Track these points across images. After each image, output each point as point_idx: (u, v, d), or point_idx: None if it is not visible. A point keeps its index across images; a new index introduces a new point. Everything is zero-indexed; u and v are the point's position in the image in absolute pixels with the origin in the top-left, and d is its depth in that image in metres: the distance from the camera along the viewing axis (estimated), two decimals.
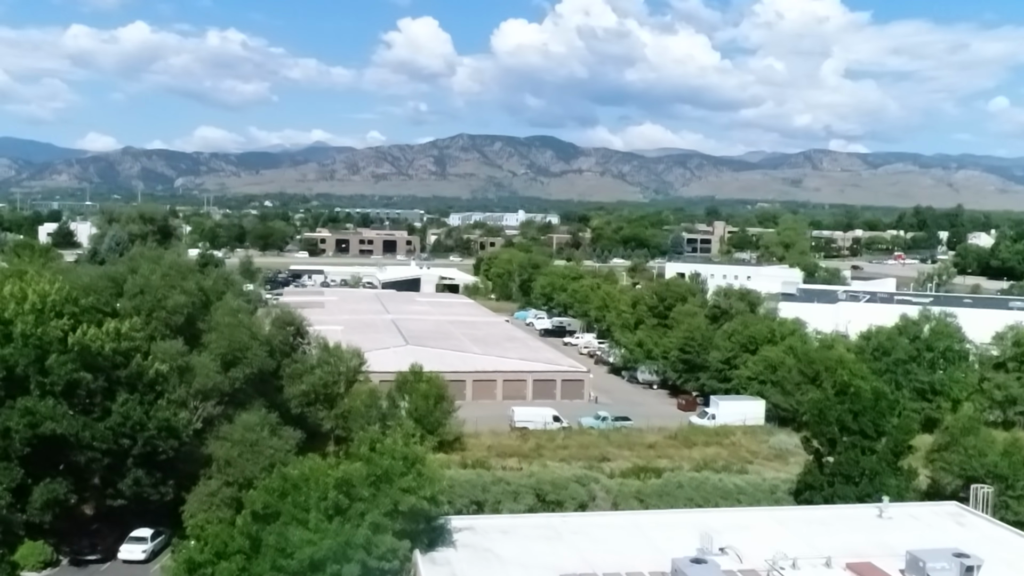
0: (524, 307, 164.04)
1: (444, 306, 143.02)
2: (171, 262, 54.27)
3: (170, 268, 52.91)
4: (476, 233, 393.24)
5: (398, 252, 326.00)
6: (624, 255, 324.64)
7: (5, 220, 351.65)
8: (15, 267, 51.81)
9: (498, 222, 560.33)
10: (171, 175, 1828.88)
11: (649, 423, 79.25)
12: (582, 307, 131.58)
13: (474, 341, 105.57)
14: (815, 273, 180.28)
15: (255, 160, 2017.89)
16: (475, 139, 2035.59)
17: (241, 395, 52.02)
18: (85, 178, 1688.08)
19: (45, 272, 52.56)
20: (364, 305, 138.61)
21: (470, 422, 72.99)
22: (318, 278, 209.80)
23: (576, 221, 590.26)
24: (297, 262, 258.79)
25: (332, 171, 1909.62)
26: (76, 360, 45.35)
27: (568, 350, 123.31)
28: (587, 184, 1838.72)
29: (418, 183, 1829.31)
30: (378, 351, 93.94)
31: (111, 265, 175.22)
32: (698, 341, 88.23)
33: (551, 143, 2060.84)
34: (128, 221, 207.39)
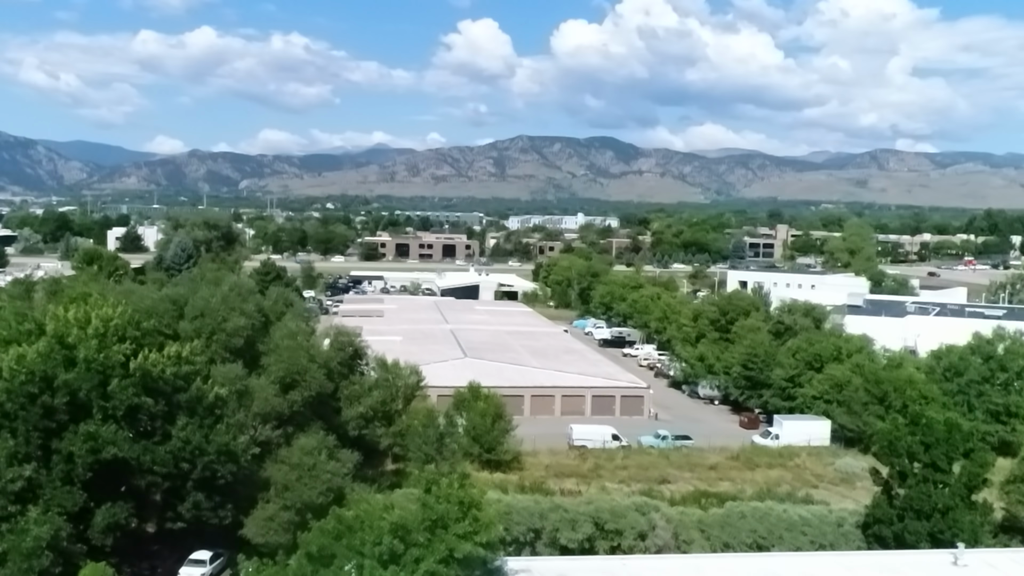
0: (583, 316, 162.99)
1: (502, 315, 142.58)
2: (232, 284, 54.44)
3: (230, 290, 53.14)
4: (535, 237, 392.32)
5: (457, 256, 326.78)
6: (685, 260, 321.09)
7: (76, 224, 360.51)
8: (80, 289, 52.34)
9: (557, 225, 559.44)
10: (236, 177, 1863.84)
11: (710, 442, 77.76)
12: (642, 318, 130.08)
13: (532, 353, 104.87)
14: (882, 282, 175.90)
15: (317, 162, 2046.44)
16: (534, 140, 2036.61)
17: (299, 417, 52.03)
18: (153, 180, 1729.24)
19: (108, 294, 53.18)
20: (423, 314, 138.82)
21: (528, 439, 72.33)
22: (378, 284, 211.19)
23: (636, 224, 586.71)
24: (357, 268, 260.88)
25: (392, 173, 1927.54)
26: (137, 385, 45.67)
27: (627, 362, 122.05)
28: (647, 185, 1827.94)
29: (477, 185, 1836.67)
30: (436, 364, 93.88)
31: (176, 277, 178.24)
32: (761, 358, 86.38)
33: (611, 144, 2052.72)
34: (193, 227, 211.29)
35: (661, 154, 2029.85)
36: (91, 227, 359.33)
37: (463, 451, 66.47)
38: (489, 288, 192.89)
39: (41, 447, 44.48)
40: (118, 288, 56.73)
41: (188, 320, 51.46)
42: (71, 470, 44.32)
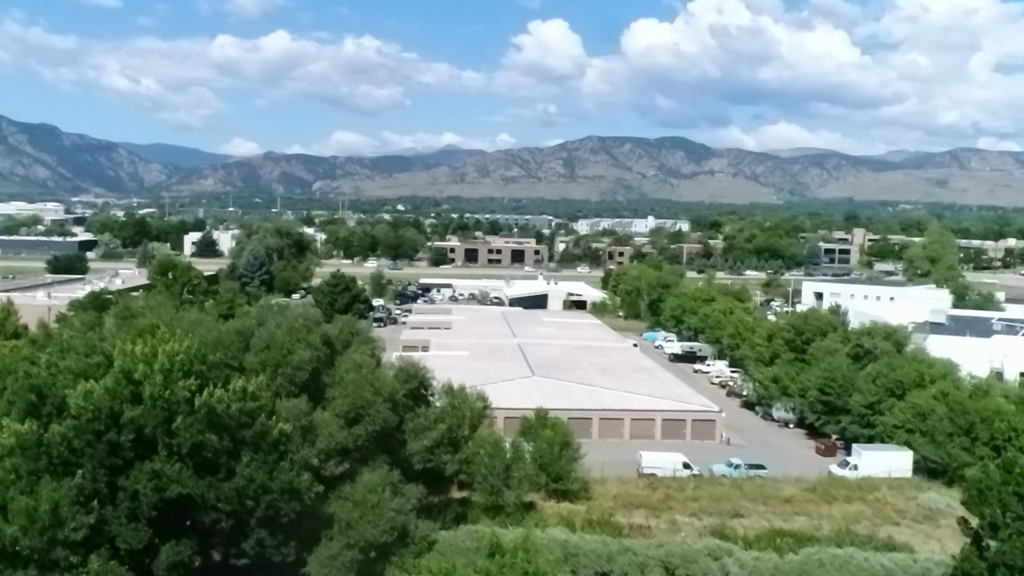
0: (653, 327, 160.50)
1: (571, 328, 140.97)
2: (297, 315, 54.00)
3: (296, 321, 52.71)
4: (604, 242, 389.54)
5: (526, 262, 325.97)
6: (758, 266, 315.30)
7: (154, 229, 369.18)
8: (149, 320, 52.46)
9: (627, 229, 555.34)
10: (309, 179, 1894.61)
11: (785, 471, 75.09)
12: (714, 333, 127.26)
13: (601, 371, 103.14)
14: (965, 296, 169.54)
15: (388, 164, 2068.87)
16: (604, 141, 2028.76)
17: (363, 451, 51.34)
18: (229, 182, 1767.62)
19: (176, 324, 53.18)
20: (491, 327, 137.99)
21: (596, 465, 70.70)
22: (446, 292, 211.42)
23: (707, 227, 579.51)
24: (426, 274, 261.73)
25: (462, 174, 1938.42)
26: (202, 421, 45.34)
27: (698, 379, 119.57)
28: (719, 186, 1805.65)
29: (547, 185, 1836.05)
30: (504, 383, 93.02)
31: (249, 284, 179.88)
32: (839, 382, 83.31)
33: (682, 144, 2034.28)
34: (266, 235, 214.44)
35: (733, 154, 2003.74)
36: (169, 231, 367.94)
37: (530, 480, 65.21)
38: (558, 298, 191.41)
39: (107, 484, 44.49)
40: (186, 318, 56.65)
41: (254, 353, 51.13)
42: (136, 507, 44.23)
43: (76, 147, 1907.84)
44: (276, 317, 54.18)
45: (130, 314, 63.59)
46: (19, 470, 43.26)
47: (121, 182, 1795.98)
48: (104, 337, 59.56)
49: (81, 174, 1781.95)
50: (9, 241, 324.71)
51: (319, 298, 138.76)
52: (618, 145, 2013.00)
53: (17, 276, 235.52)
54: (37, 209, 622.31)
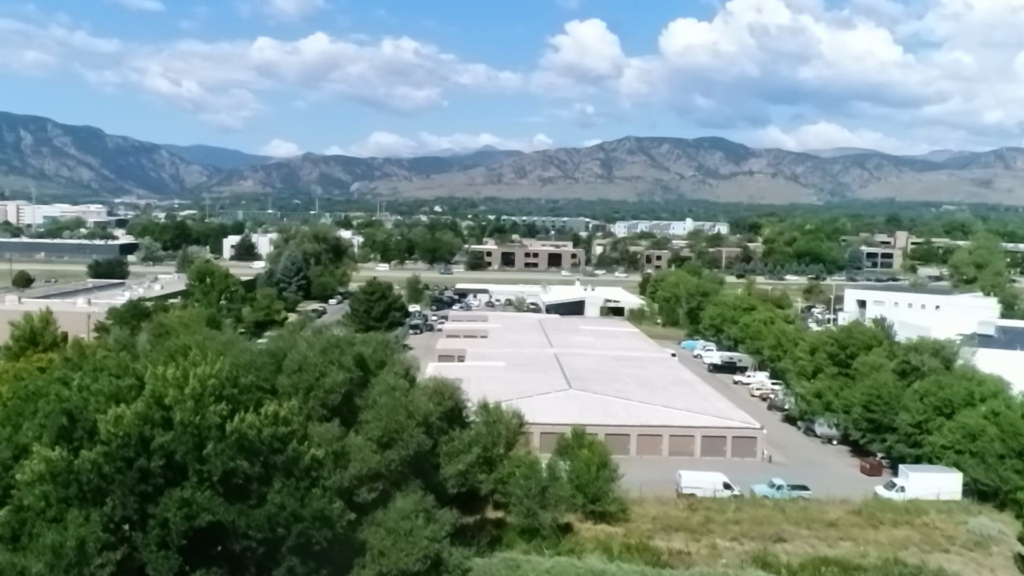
0: (692, 336, 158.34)
1: (608, 336, 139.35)
2: (330, 337, 53.15)
3: (329, 343, 51.86)
4: (642, 245, 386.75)
5: (563, 266, 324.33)
6: (798, 271, 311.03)
7: (194, 232, 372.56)
8: (181, 340, 51.92)
9: (665, 231, 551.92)
10: (347, 180, 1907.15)
11: (829, 492, 72.98)
12: (754, 344, 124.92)
13: (639, 384, 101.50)
14: (1014, 306, 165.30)
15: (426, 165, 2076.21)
16: (642, 141, 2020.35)
17: (396, 475, 50.36)
18: (268, 184, 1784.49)
19: (209, 345, 52.59)
20: (527, 335, 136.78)
21: (633, 483, 69.11)
22: (483, 298, 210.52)
23: (746, 229, 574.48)
24: (463, 279, 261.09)
25: (499, 175, 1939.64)
26: (233, 447, 44.61)
27: (738, 391, 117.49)
28: (758, 186, 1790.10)
29: (584, 186, 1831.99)
30: (540, 396, 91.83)
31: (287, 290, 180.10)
32: (884, 399, 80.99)
33: (720, 144, 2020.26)
34: (303, 240, 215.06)
35: (772, 154, 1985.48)
36: (208, 234, 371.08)
37: (566, 501, 63.88)
38: (595, 304, 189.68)
39: (137, 511, 43.90)
40: (219, 338, 56.04)
41: (286, 375, 50.35)
42: (166, 535, 43.57)
43: (119, 149, 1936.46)
44: (309, 338, 53.30)
45: (164, 331, 63.24)
46: (49, 498, 42.81)
47: (163, 183, 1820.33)
48: (137, 355, 59.26)
49: (124, 175, 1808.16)
50: (52, 244, 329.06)
51: (355, 306, 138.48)
52: (656, 145, 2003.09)
53: (60, 280, 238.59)
54: (80, 211, 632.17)
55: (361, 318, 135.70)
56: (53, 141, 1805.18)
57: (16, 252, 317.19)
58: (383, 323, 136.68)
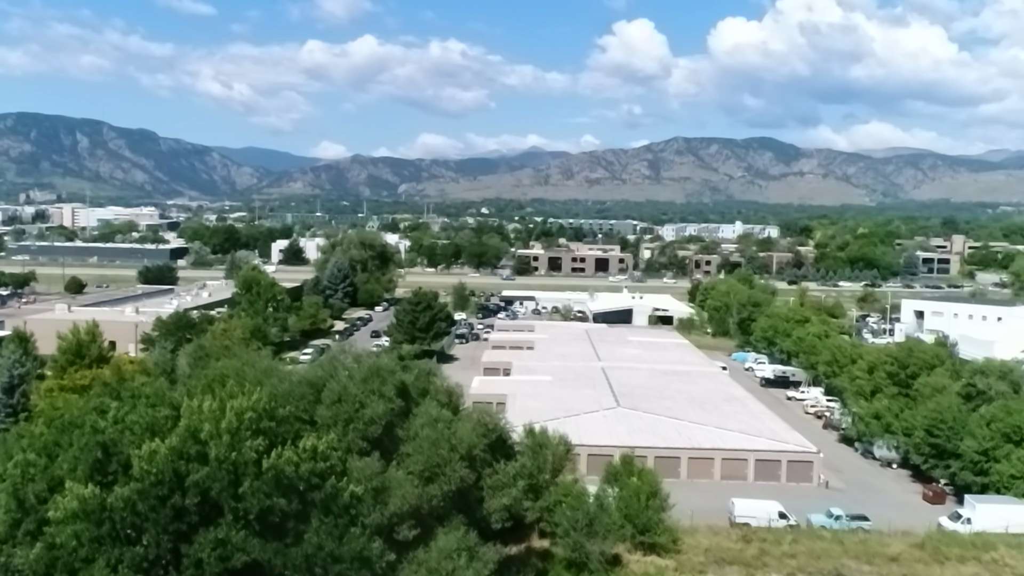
0: (743, 347, 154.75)
1: (657, 349, 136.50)
2: (371, 365, 51.41)
3: (370, 372, 50.14)
4: (691, 249, 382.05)
5: (610, 271, 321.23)
6: (851, 276, 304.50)
7: (243, 235, 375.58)
8: (219, 368, 50.58)
9: (714, 234, 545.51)
10: (395, 182, 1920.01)
11: (890, 522, 69.66)
12: (809, 358, 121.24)
13: (690, 401, 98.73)
14: None
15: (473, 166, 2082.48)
16: (690, 142, 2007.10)
17: (438, 511, 48.51)
18: (317, 185, 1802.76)
19: (247, 373, 51.19)
20: (574, 347, 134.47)
21: (684, 511, 66.50)
22: (529, 305, 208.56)
23: (797, 233, 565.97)
24: (509, 285, 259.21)
25: (547, 176, 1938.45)
26: (270, 484, 43.15)
27: (792, 407, 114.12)
28: (808, 187, 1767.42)
29: (631, 187, 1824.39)
30: (587, 415, 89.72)
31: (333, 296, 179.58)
32: (948, 424, 77.39)
33: (770, 144, 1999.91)
34: (350, 246, 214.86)
35: (823, 154, 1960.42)
36: (257, 238, 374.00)
37: (615, 532, 61.54)
38: (643, 313, 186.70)
39: (171, 551, 42.59)
40: (258, 365, 54.62)
41: (326, 405, 48.74)
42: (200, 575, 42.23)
43: (172, 151, 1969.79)
44: (349, 366, 51.64)
45: (204, 353, 62.17)
46: (81, 536, 41.67)
47: (214, 185, 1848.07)
48: (176, 379, 58.20)
49: (176, 178, 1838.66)
50: (105, 249, 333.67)
51: (401, 316, 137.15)
52: (704, 146, 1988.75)
53: (111, 284, 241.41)
54: (133, 214, 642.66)
55: (406, 329, 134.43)
56: (108, 144, 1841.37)
57: (70, 256, 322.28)
58: (428, 334, 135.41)
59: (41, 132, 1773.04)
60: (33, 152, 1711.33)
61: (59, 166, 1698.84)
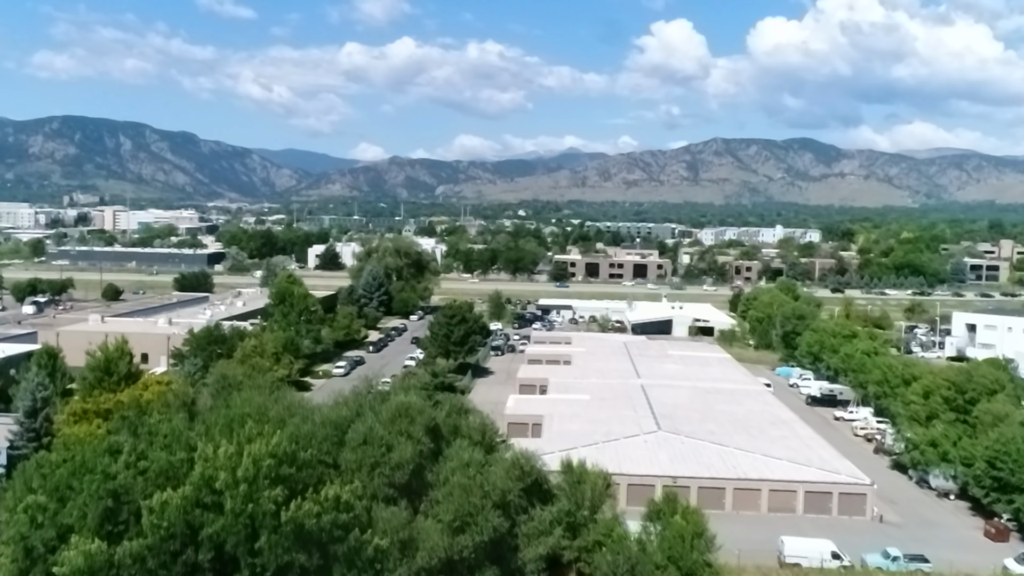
0: (786, 361, 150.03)
1: (698, 364, 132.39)
2: (399, 404, 48.38)
3: (397, 412, 47.15)
4: (730, 255, 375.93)
5: (648, 277, 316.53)
6: (896, 283, 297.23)
7: (280, 240, 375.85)
8: (239, 407, 47.76)
9: (753, 238, 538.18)
10: (432, 183, 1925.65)
11: (951, 562, 65.32)
12: (858, 377, 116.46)
13: (734, 424, 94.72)
14: None
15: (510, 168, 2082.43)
16: (729, 143, 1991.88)
17: (469, 562, 45.39)
18: (356, 187, 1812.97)
19: (270, 411, 48.39)
20: (613, 362, 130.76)
21: (730, 548, 62.64)
22: (566, 314, 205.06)
23: (839, 237, 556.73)
24: (547, 292, 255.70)
25: (584, 177, 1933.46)
26: (289, 537, 40.33)
27: (840, 427, 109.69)
28: (849, 188, 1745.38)
29: (669, 189, 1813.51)
30: (627, 440, 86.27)
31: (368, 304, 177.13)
32: (1012, 456, 72.76)
33: (810, 145, 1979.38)
34: (385, 254, 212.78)
35: (865, 155, 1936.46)
36: (295, 242, 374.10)
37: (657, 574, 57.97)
38: (683, 324, 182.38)
39: None
40: (282, 401, 51.82)
41: (350, 449, 45.82)
42: None
43: (213, 154, 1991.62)
44: (374, 404, 48.66)
45: (227, 383, 59.58)
46: None
47: (254, 187, 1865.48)
48: (196, 412, 55.60)
49: (217, 179, 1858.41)
50: (143, 254, 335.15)
51: (435, 329, 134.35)
52: (744, 147, 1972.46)
53: (148, 291, 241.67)
54: (173, 217, 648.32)
55: (440, 343, 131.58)
56: (151, 146, 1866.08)
57: (109, 261, 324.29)
58: (463, 348, 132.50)
59: (85, 135, 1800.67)
60: (77, 155, 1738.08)
61: (102, 168, 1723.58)
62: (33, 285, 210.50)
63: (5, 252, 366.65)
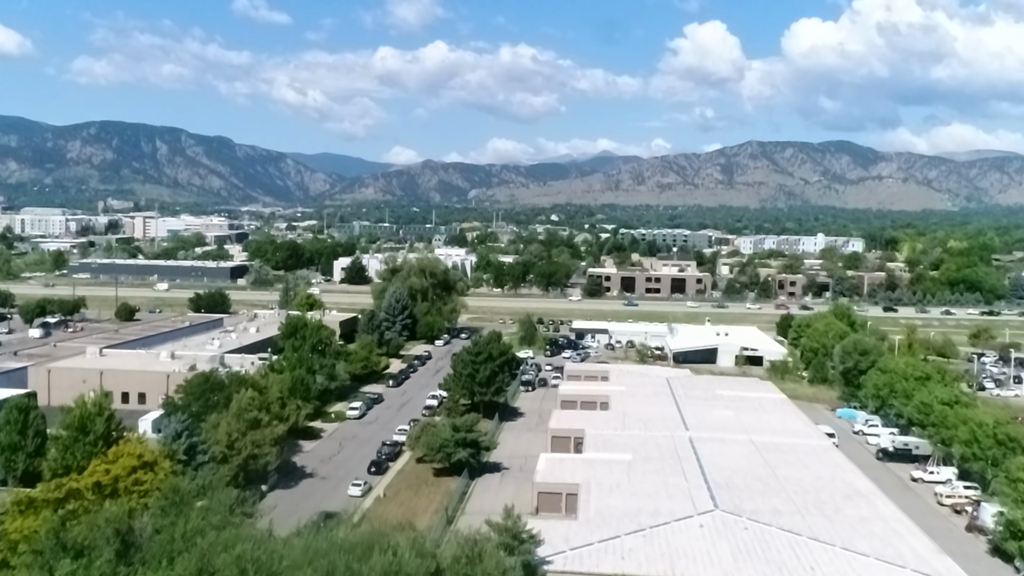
0: (847, 401, 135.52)
1: (751, 409, 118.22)
2: (386, 564, 35.62)
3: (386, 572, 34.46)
4: (772, 267, 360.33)
5: (687, 292, 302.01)
6: (951, 300, 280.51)
7: (307, 251, 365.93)
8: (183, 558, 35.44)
9: (794, 247, 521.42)
10: (465, 187, 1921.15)
11: None
12: (939, 432, 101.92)
13: (803, 497, 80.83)
14: None
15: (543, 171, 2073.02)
16: (765, 146, 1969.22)
17: None
18: (389, 191, 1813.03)
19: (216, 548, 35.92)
20: (656, 406, 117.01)
21: None
22: (602, 338, 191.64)
23: (883, 245, 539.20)
24: (580, 310, 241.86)
25: (617, 181, 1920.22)
26: None
27: (919, 491, 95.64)
28: (888, 192, 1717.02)
29: (704, 192, 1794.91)
30: (678, 523, 72.94)
31: (390, 329, 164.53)
32: None
33: (847, 148, 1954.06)
34: (409, 273, 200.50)
35: (903, 158, 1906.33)
36: (322, 252, 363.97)
37: None
38: (729, 352, 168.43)
39: None
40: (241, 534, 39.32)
41: None
42: None
43: (248, 158, 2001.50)
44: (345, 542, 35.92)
45: (179, 497, 47.25)
46: None
47: (288, 191, 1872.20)
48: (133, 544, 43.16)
49: (252, 184, 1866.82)
50: (166, 267, 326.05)
51: (458, 368, 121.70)
52: (779, 150, 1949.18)
53: (164, 309, 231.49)
54: (203, 225, 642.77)
55: (464, 383, 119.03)
56: (187, 151, 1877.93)
57: (131, 275, 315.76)
58: (489, 388, 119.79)
59: (123, 140, 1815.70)
60: (115, 159, 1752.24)
61: (139, 173, 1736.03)
62: (42, 306, 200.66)
63: (29, 264, 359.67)
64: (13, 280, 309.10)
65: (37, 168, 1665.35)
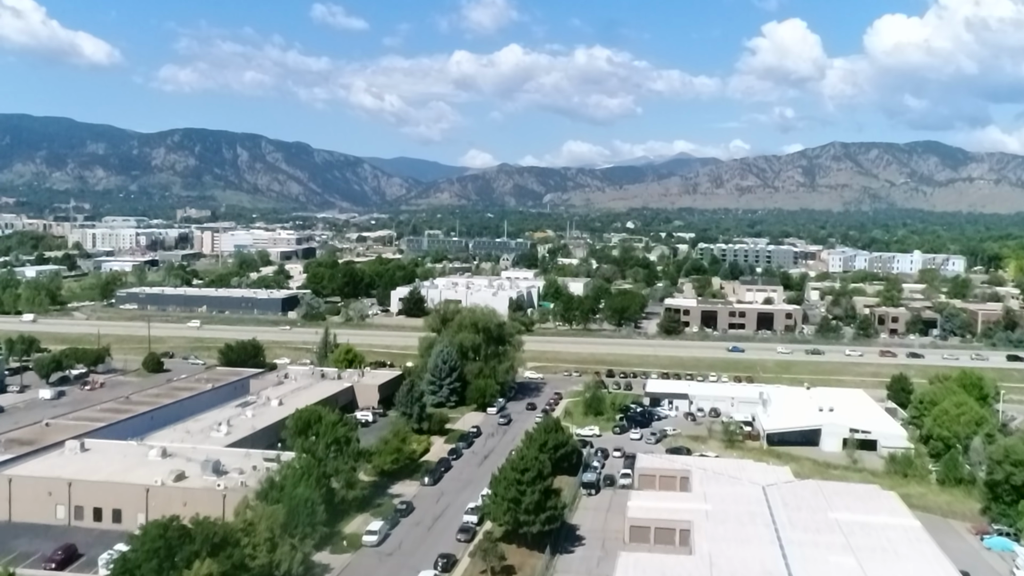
0: (996, 519, 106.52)
1: (879, 549, 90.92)
2: None
3: None
4: (869, 295, 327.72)
5: (774, 327, 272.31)
6: None
7: (366, 275, 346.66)
8: None
9: (887, 266, 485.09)
10: (540, 191, 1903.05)
11: None
12: None
13: None
14: None
15: (619, 174, 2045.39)
16: (848, 147, 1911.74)
17: None
18: (464, 195, 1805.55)
19: None
20: (751, 545, 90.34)
21: None
22: (681, 404, 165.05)
23: (985, 262, 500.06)
24: (653, 361, 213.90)
25: (695, 184, 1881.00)
26: None
27: None
28: (979, 194, 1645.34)
29: (785, 195, 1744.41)
30: None
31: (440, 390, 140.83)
32: None
33: (935, 148, 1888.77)
34: (459, 328, 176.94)
35: (995, 158, 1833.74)
36: (381, 275, 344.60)
37: None
38: (834, 434, 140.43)
39: None
40: None
41: None
42: None
43: (326, 163, 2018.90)
44: None
45: None
46: None
47: (365, 196, 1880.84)
48: None
49: (329, 189, 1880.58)
50: (215, 298, 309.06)
51: (499, 489, 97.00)
52: (863, 151, 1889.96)
53: (199, 355, 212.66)
54: (270, 240, 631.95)
55: (508, 508, 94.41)
56: (266, 157, 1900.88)
57: (178, 306, 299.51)
58: (538, 517, 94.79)
59: (205, 147, 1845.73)
60: (197, 166, 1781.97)
61: (220, 179, 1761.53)
62: (58, 360, 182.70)
63: (84, 289, 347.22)
64: (58, 312, 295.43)
65: (123, 175, 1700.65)
